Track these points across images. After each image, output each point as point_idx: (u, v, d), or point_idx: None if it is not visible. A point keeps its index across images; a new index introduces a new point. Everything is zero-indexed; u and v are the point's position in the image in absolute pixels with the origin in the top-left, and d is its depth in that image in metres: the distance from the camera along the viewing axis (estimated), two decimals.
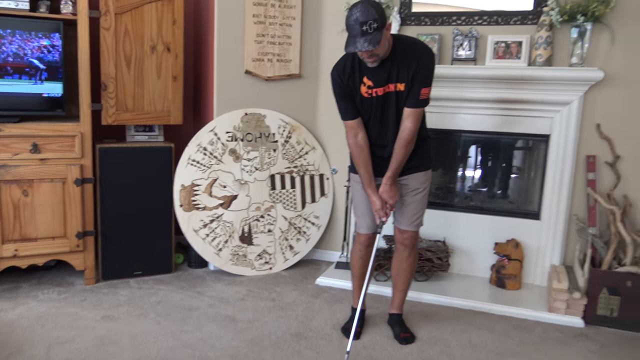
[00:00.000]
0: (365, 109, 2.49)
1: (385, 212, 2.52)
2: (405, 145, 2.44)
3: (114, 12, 3.13)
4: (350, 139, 2.52)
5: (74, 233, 3.12)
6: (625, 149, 3.17)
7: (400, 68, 2.37)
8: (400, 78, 2.38)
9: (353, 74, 2.43)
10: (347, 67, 2.44)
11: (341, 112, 2.52)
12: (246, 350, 2.51)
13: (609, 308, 2.88)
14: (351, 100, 2.48)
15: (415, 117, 2.42)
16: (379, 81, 2.41)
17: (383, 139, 2.52)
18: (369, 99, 2.45)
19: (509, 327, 2.86)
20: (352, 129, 2.50)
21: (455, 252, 3.49)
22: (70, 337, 2.56)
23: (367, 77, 2.42)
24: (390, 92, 2.42)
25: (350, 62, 2.43)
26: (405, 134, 2.43)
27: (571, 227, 3.30)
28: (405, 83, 2.39)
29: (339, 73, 2.46)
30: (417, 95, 2.39)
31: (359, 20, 2.18)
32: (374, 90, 2.42)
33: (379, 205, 2.51)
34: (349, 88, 2.45)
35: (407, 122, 2.43)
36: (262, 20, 3.47)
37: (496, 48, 3.30)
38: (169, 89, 3.34)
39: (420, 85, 2.38)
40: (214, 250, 3.38)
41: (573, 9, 3.06)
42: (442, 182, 3.68)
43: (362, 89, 2.44)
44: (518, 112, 3.31)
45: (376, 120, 2.49)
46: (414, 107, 2.41)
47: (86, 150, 3.12)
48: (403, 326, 2.73)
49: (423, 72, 2.37)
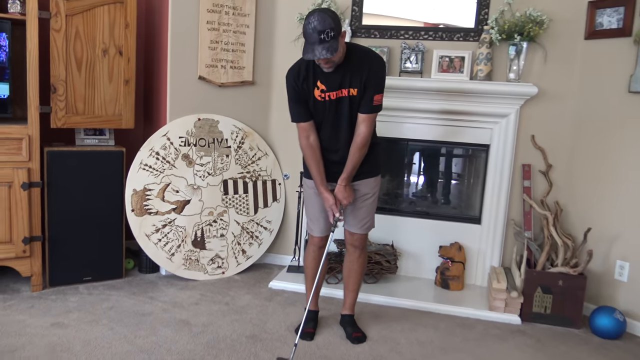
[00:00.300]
0: (318, 112, 2.58)
1: (337, 208, 2.60)
2: (360, 148, 2.56)
3: (65, 13, 3.08)
4: (303, 140, 2.61)
5: (20, 238, 3.03)
6: (556, 158, 3.44)
7: (353, 74, 2.48)
8: (353, 83, 2.50)
9: (307, 78, 2.53)
10: (301, 70, 2.53)
11: (293, 114, 2.61)
12: (202, 353, 2.54)
13: (543, 306, 3.11)
14: (304, 103, 2.57)
15: (369, 122, 2.55)
16: (332, 86, 2.51)
17: (335, 143, 2.62)
18: (322, 103, 2.55)
19: (453, 325, 3.04)
20: (305, 130, 2.60)
21: (402, 255, 3.65)
22: (20, 345, 2.50)
23: (320, 82, 2.52)
24: (344, 97, 2.53)
25: (305, 66, 2.53)
26: (360, 138, 2.55)
27: (509, 231, 3.54)
28: (357, 88, 2.50)
29: (293, 76, 2.55)
30: (370, 101, 2.52)
31: (317, 29, 2.27)
32: (327, 94, 2.53)
33: (332, 201, 2.60)
34: (303, 91, 2.54)
35: (361, 127, 2.54)
36: (216, 27, 3.51)
37: (441, 62, 3.49)
38: (120, 92, 3.32)
39: (373, 92, 2.51)
40: (166, 255, 3.37)
41: (511, 29, 3.29)
42: (390, 188, 3.84)
43: (316, 92, 2.54)
44: (461, 122, 3.52)
45: (329, 124, 2.59)
46: (368, 113, 2.53)
47: (34, 153, 3.05)
48: (355, 326, 2.84)
49: (375, 79, 2.50)
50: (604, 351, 2.83)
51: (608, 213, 3.21)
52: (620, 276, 3.16)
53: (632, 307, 3.10)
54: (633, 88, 3.03)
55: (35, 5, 2.95)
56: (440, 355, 2.66)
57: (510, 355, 2.72)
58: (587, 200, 3.32)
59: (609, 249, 3.20)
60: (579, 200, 3.37)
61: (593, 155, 3.28)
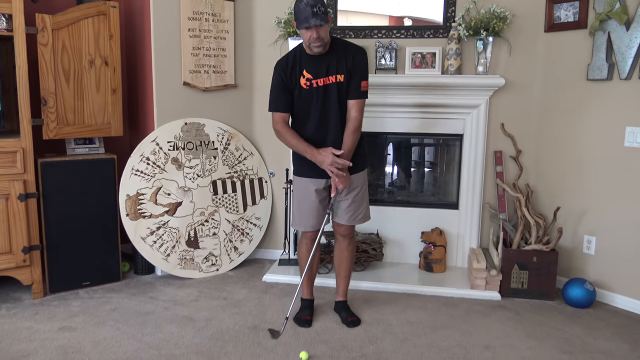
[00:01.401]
0: (304, 102, 2.74)
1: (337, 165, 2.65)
2: (353, 132, 2.72)
3: (51, 28, 3.17)
4: (278, 125, 2.77)
5: (19, 248, 3.12)
6: (525, 144, 3.68)
7: (339, 61, 2.69)
8: (340, 70, 2.70)
9: (294, 67, 2.71)
10: (289, 61, 2.73)
11: (274, 102, 2.76)
12: (209, 345, 2.69)
13: (520, 281, 3.36)
14: (288, 94, 2.74)
15: (359, 107, 2.73)
16: (318, 73, 2.70)
17: (323, 133, 2.75)
18: (308, 90, 2.72)
19: (439, 305, 3.25)
20: (281, 119, 2.77)
21: (387, 242, 3.86)
22: (32, 350, 2.61)
23: (306, 70, 2.71)
24: (331, 83, 2.71)
25: (292, 57, 2.73)
26: (353, 123, 2.72)
27: (485, 214, 3.78)
28: (344, 74, 2.70)
29: (282, 66, 2.74)
30: (358, 87, 2.71)
31: (309, 3, 2.52)
32: (314, 81, 2.71)
33: (330, 159, 2.64)
34: (290, 80, 2.72)
35: (352, 112, 2.73)
36: (198, 34, 3.63)
37: (413, 58, 3.69)
38: (108, 101, 3.42)
39: (359, 79, 2.71)
40: (162, 256, 3.50)
41: (477, 25, 3.51)
42: (372, 180, 4.03)
43: (302, 80, 2.72)
44: (435, 115, 3.73)
45: (316, 113, 2.74)
46: (357, 99, 2.73)
47: (28, 165, 3.13)
48: (349, 311, 3.03)
49: (359, 67, 2.72)
50: (576, 319, 3.09)
51: (574, 192, 3.47)
52: (588, 250, 3.43)
53: (600, 277, 3.37)
54: (590, 76, 3.29)
55: (22, 22, 3.02)
56: (430, 333, 2.87)
57: (493, 328, 2.95)
58: (555, 182, 3.58)
59: (577, 226, 3.47)
60: (547, 182, 3.63)
61: (558, 139, 3.54)
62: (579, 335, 2.88)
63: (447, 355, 2.63)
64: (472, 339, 2.82)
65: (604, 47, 3.19)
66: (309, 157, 2.72)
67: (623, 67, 3.11)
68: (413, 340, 2.78)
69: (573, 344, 2.78)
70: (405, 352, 2.66)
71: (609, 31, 3.16)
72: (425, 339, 2.80)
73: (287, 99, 2.75)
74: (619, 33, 3.11)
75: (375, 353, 2.64)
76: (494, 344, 2.76)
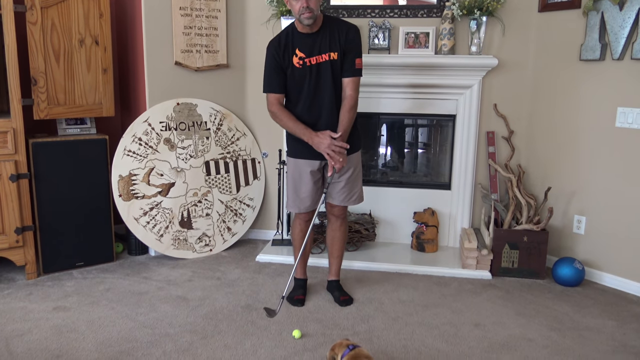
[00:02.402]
0: (297, 81, 2.72)
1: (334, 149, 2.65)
2: (349, 110, 2.71)
3: (40, 6, 3.12)
4: (273, 107, 2.75)
5: (12, 229, 3.12)
6: (517, 125, 3.69)
7: (332, 39, 2.67)
8: (333, 47, 2.68)
9: (287, 47, 2.69)
10: (281, 41, 2.70)
11: (268, 84, 2.75)
12: (203, 324, 2.71)
13: (511, 261, 3.40)
14: (282, 74, 2.72)
15: (355, 85, 2.72)
16: (311, 51, 2.68)
17: (316, 112, 2.74)
18: (301, 69, 2.70)
19: (430, 284, 3.29)
20: (275, 99, 2.75)
21: (380, 222, 3.88)
22: (27, 329, 2.63)
23: (299, 49, 2.69)
24: (324, 62, 2.69)
25: (285, 37, 2.71)
26: (348, 101, 2.71)
27: (477, 195, 3.80)
28: (337, 52, 2.68)
29: (274, 46, 2.71)
30: (352, 65, 2.70)
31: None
32: (307, 59, 2.69)
33: (327, 142, 2.64)
34: (283, 60, 2.70)
35: (348, 90, 2.72)
36: (189, 13, 3.59)
37: (407, 38, 3.67)
38: (99, 81, 3.39)
39: (354, 57, 2.69)
40: (155, 236, 3.51)
41: (471, 4, 3.49)
42: (365, 160, 4.03)
43: (294, 59, 2.70)
44: (428, 95, 3.72)
45: (311, 90, 2.72)
46: (352, 76, 2.71)
47: (19, 145, 3.12)
48: (342, 290, 3.06)
49: (353, 44, 2.70)
50: (565, 297, 3.13)
51: (565, 173, 3.50)
52: (578, 229, 3.46)
53: (589, 256, 3.42)
54: (583, 56, 3.29)
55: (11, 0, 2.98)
56: (422, 311, 2.91)
57: (484, 306, 2.99)
58: (547, 162, 3.60)
59: (567, 206, 3.50)
60: (539, 163, 3.65)
61: (550, 120, 3.55)
62: (567, 312, 2.93)
63: (437, 332, 2.68)
64: (462, 317, 2.86)
65: (597, 27, 3.19)
66: (306, 140, 2.71)
67: (616, 47, 3.11)
68: (404, 319, 2.82)
69: (561, 321, 2.83)
70: (397, 330, 2.69)
71: (602, 11, 3.15)
72: (417, 317, 2.84)
73: (280, 79, 2.73)
74: (613, 13, 3.10)
75: (367, 331, 2.68)
76: (484, 322, 2.80)
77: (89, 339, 2.55)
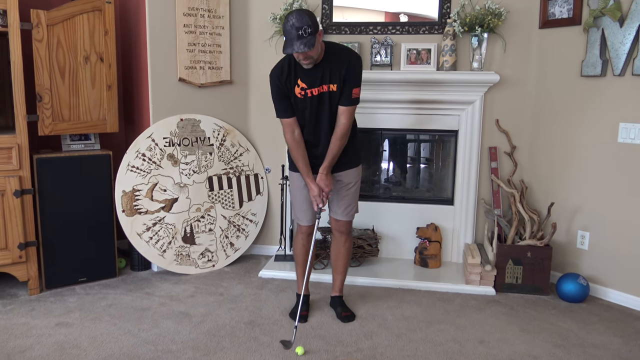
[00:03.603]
0: (299, 109, 2.74)
1: (322, 199, 2.79)
2: (340, 138, 2.74)
3: (46, 23, 3.16)
4: (288, 135, 2.77)
5: (15, 244, 3.13)
6: (519, 140, 3.70)
7: (333, 71, 2.67)
8: (333, 79, 2.68)
9: (289, 76, 2.69)
10: (284, 69, 2.70)
11: (278, 110, 2.77)
12: (205, 340, 2.70)
13: (515, 276, 3.38)
14: (288, 100, 2.73)
15: (349, 114, 2.73)
16: (313, 83, 2.68)
17: (317, 137, 2.79)
18: (303, 100, 2.71)
19: (434, 300, 3.27)
20: (289, 126, 2.76)
21: (383, 238, 3.88)
22: (29, 345, 2.62)
23: (301, 80, 2.69)
24: (324, 92, 2.70)
25: (287, 65, 2.70)
26: (340, 129, 2.73)
27: (480, 210, 3.80)
28: (337, 84, 2.68)
29: (277, 75, 2.71)
30: (349, 95, 2.70)
31: (295, 25, 2.45)
32: (309, 90, 2.69)
33: (316, 192, 2.77)
34: (286, 88, 2.71)
35: (341, 119, 2.73)
36: (193, 30, 3.63)
37: (409, 55, 3.70)
38: (104, 98, 3.42)
39: (352, 86, 2.69)
40: (158, 252, 3.50)
41: (472, 21, 3.52)
42: (367, 176, 4.04)
43: (296, 90, 2.70)
44: (430, 111, 3.74)
45: (312, 118, 2.75)
46: (347, 105, 2.72)
47: (24, 161, 3.13)
48: (344, 306, 3.05)
49: (353, 74, 2.69)
50: (570, 313, 3.11)
51: (568, 188, 3.50)
52: (582, 245, 3.45)
53: (593, 272, 3.40)
54: (584, 72, 3.31)
55: (17, 17, 3.02)
56: (425, 328, 2.89)
57: (488, 322, 2.97)
58: (549, 177, 3.60)
59: (571, 221, 3.49)
60: (542, 178, 3.65)
61: (552, 135, 3.56)
62: (572, 329, 2.91)
63: (441, 349, 2.66)
64: (466, 333, 2.84)
65: (597, 43, 3.21)
66: (303, 178, 2.81)
67: (617, 63, 3.13)
68: (408, 335, 2.80)
69: (566, 338, 2.81)
70: (401, 346, 2.68)
71: (602, 27, 3.17)
72: (420, 334, 2.82)
73: (289, 104, 2.75)
74: (613, 29, 3.12)
75: (370, 348, 2.66)
76: (488, 339, 2.78)
77: (91, 355, 2.53)
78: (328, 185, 2.79)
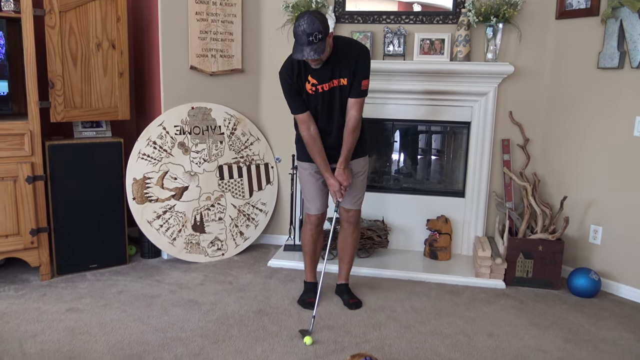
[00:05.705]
0: (311, 104, 2.75)
1: (341, 192, 2.82)
2: (353, 131, 2.74)
3: (59, 10, 3.15)
4: (304, 131, 2.77)
5: (27, 230, 3.15)
6: (533, 132, 3.66)
7: (343, 66, 2.66)
8: (343, 74, 2.67)
9: (299, 73, 2.69)
10: (294, 67, 2.69)
11: (292, 107, 2.77)
12: (214, 328, 2.71)
13: (525, 270, 3.35)
14: (300, 97, 2.73)
15: (359, 106, 2.73)
16: (323, 79, 2.68)
17: (329, 128, 2.80)
18: (314, 95, 2.71)
19: (443, 292, 3.26)
20: (304, 122, 2.76)
21: (392, 229, 3.86)
22: (40, 330, 2.64)
23: (311, 76, 2.68)
24: (335, 87, 2.70)
25: (297, 62, 2.68)
26: (352, 122, 2.73)
27: (491, 203, 3.77)
28: (347, 78, 2.68)
29: (287, 72, 2.70)
30: (358, 87, 2.70)
31: (306, 31, 2.44)
32: (320, 86, 2.69)
33: (336, 187, 2.80)
34: (297, 85, 2.70)
35: (352, 111, 2.73)
36: (205, 18, 3.61)
37: (422, 45, 3.66)
38: (115, 85, 3.42)
39: (361, 78, 2.69)
40: (168, 240, 3.52)
41: (487, 11, 3.47)
42: (378, 167, 4.03)
43: (307, 86, 2.70)
44: (443, 102, 3.70)
45: (324, 112, 2.76)
46: (357, 97, 2.72)
47: (36, 147, 3.15)
48: (351, 294, 3.06)
49: (362, 66, 2.68)
50: (581, 308, 3.09)
51: (582, 182, 3.45)
52: (594, 239, 3.41)
53: (605, 267, 3.37)
54: (601, 64, 3.25)
55: (30, 3, 3.02)
56: (434, 320, 2.88)
57: (497, 316, 2.95)
58: (563, 171, 3.56)
59: (584, 215, 3.45)
60: (555, 171, 3.61)
61: (566, 128, 3.51)
62: (583, 324, 2.89)
63: (450, 342, 2.65)
64: (475, 326, 2.82)
65: (615, 35, 3.15)
66: (322, 173, 2.83)
67: (635, 55, 3.07)
68: (417, 327, 2.79)
69: (577, 333, 2.78)
70: (409, 338, 2.67)
71: (621, 19, 3.11)
72: (429, 326, 2.81)
73: (302, 100, 2.75)
74: (632, 21, 3.06)
75: (378, 339, 2.65)
76: (497, 332, 2.76)
77: (101, 341, 2.56)
78: (347, 179, 2.81)
